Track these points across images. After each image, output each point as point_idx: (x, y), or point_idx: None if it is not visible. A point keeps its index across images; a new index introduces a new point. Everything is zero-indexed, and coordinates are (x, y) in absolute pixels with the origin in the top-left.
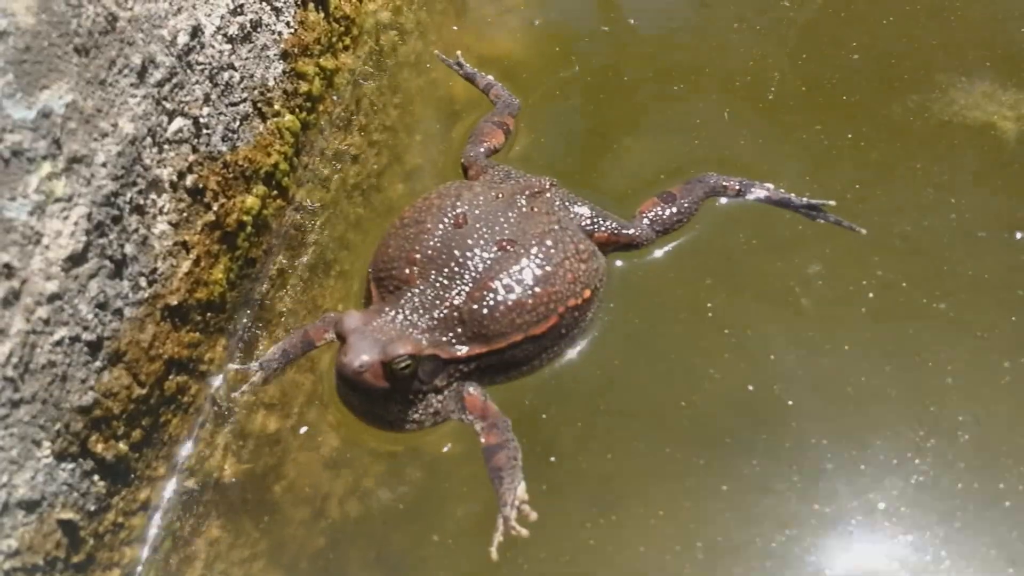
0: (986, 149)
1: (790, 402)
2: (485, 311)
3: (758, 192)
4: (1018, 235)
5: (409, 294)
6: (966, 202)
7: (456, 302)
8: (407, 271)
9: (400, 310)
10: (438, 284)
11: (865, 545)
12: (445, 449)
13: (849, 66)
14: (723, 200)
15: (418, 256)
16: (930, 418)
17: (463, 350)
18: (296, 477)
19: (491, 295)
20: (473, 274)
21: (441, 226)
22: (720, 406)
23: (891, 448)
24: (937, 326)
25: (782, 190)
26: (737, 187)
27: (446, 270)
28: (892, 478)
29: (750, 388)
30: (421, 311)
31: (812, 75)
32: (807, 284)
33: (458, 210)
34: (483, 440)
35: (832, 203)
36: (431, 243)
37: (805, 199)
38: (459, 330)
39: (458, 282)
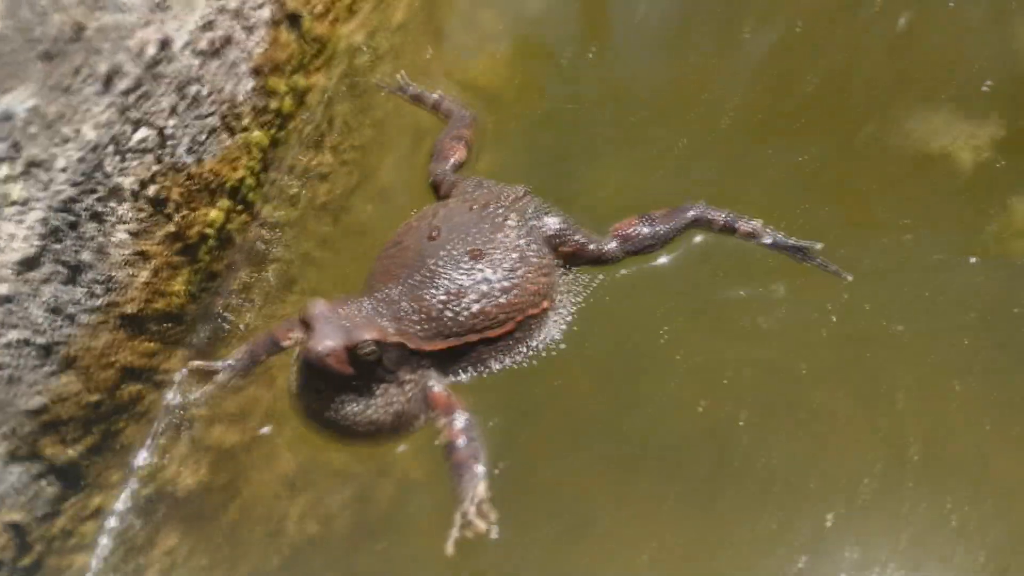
0: (942, 177)
1: (741, 422)
2: (449, 313)
3: (744, 227)
4: (971, 260)
5: (379, 289)
6: (922, 227)
7: (424, 300)
8: (386, 280)
9: (368, 300)
10: (409, 284)
11: (812, 563)
12: (400, 449)
13: (805, 94)
14: (698, 238)
15: (396, 271)
16: (880, 438)
17: (424, 344)
18: (253, 493)
19: (456, 300)
20: (444, 279)
21: (417, 242)
22: (668, 424)
23: (841, 468)
24: (893, 349)
25: (770, 228)
26: (723, 222)
27: (417, 275)
28: (840, 496)
29: (700, 408)
30: (388, 303)
31: (768, 103)
32: (770, 310)
33: (434, 223)
34: (446, 436)
35: (819, 245)
36: (408, 256)
37: (792, 241)
38: (423, 325)
39: (428, 285)
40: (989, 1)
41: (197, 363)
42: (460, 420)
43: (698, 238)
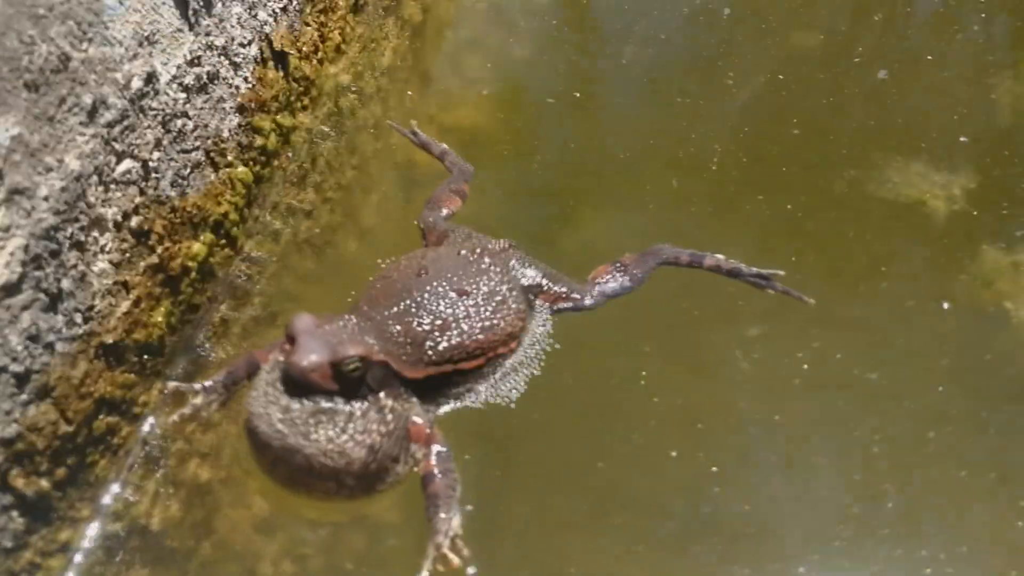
0: (917, 225)
1: (714, 468)
2: (429, 342)
3: (708, 262)
4: (945, 305)
5: (364, 311)
6: (896, 273)
7: (409, 327)
8: (372, 305)
9: (353, 318)
10: (396, 311)
11: None
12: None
13: (789, 140)
14: (673, 266)
15: (383, 300)
16: (856, 486)
17: (407, 369)
18: (228, 530)
19: (438, 333)
20: (429, 310)
21: (406, 277)
22: (642, 469)
23: (815, 515)
24: (867, 396)
25: (732, 260)
26: (688, 258)
27: (403, 304)
28: (814, 543)
29: (673, 454)
30: (373, 323)
31: (753, 148)
32: (744, 356)
33: (423, 263)
34: (423, 467)
35: (781, 273)
36: (395, 287)
37: (754, 269)
38: (407, 350)
39: (414, 313)
40: (967, 56)
41: (176, 384)
42: (439, 452)
43: (670, 277)
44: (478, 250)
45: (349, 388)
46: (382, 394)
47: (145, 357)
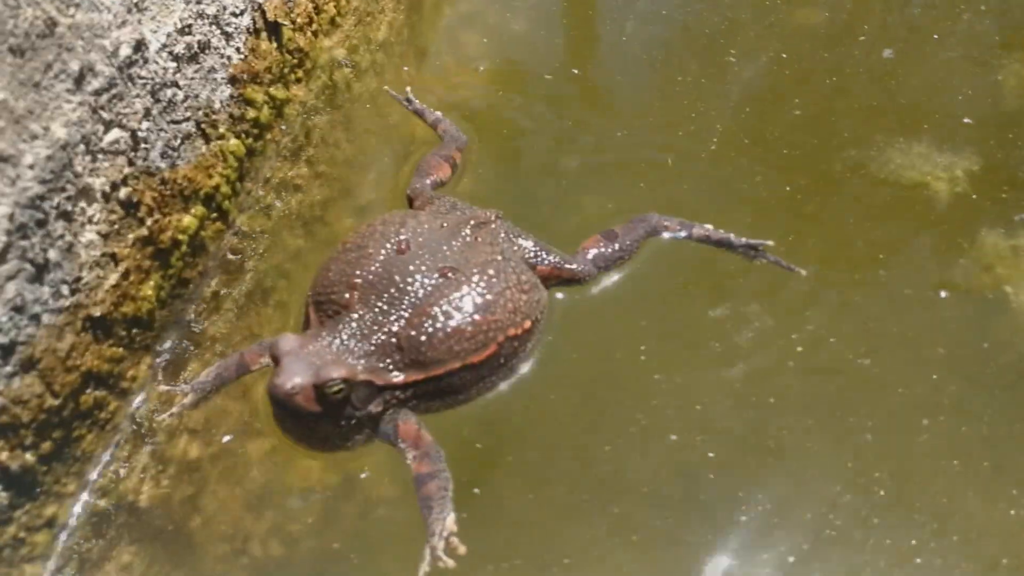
0: (918, 209)
1: (711, 454)
2: (423, 338)
3: (698, 231)
4: (942, 294)
5: (347, 319)
6: (895, 259)
7: (394, 328)
8: (347, 296)
9: (337, 335)
10: (377, 310)
11: None
12: (363, 476)
13: (790, 121)
14: (666, 236)
15: (358, 281)
16: (848, 473)
17: (399, 377)
18: (217, 508)
19: (430, 321)
20: (413, 300)
21: (383, 252)
22: (642, 453)
23: (806, 502)
24: (860, 382)
25: (722, 231)
26: (678, 227)
27: (386, 296)
28: (805, 532)
29: (673, 437)
30: (359, 337)
31: (754, 128)
32: (738, 335)
33: (401, 237)
34: (414, 469)
35: (770, 243)
36: (372, 268)
37: (744, 239)
38: (396, 356)
39: (397, 308)
40: (973, 36)
41: (164, 387)
42: (430, 453)
43: (662, 249)
44: (462, 224)
45: (333, 409)
46: (371, 407)
47: (134, 331)
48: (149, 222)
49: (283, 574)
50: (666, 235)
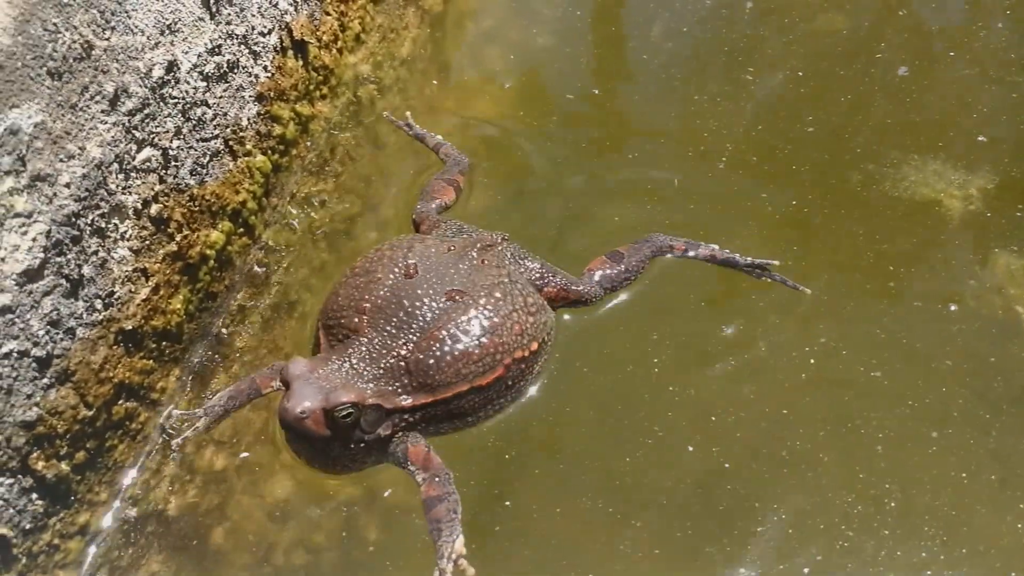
0: (929, 224)
1: (727, 464)
2: (431, 361)
3: (704, 251)
4: (952, 307)
5: (357, 343)
6: (904, 272)
7: (403, 352)
8: (356, 320)
9: (347, 359)
10: (386, 333)
11: None
12: (386, 494)
13: (802, 138)
14: (671, 256)
15: (367, 305)
16: (859, 484)
17: (408, 400)
18: (242, 518)
19: (437, 345)
20: (421, 323)
21: (391, 276)
22: (661, 466)
23: (820, 512)
24: (871, 394)
25: (727, 250)
26: (683, 247)
27: (394, 320)
28: (818, 543)
29: (690, 448)
30: (368, 360)
31: (765, 145)
32: (751, 348)
33: (409, 261)
34: (424, 492)
35: (776, 263)
36: (380, 292)
37: (750, 259)
38: (405, 380)
39: (405, 332)
40: (990, 54)
41: (177, 412)
42: (439, 475)
43: (665, 262)
44: (469, 247)
45: (343, 432)
46: (380, 430)
47: (163, 344)
48: (178, 238)
49: None
50: (671, 255)
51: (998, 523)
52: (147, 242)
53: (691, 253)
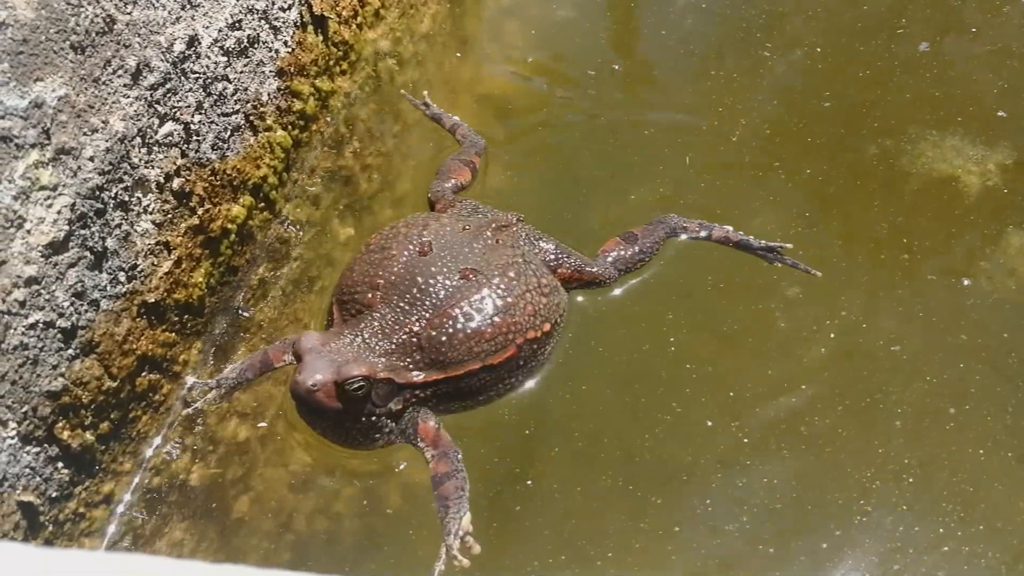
0: (946, 199)
1: (745, 440)
2: (443, 338)
3: (718, 232)
4: (965, 282)
5: (369, 318)
6: (919, 245)
7: (415, 328)
8: (369, 295)
9: (359, 333)
10: (399, 309)
11: None
12: (402, 466)
13: (818, 113)
14: (685, 237)
15: (381, 281)
16: (877, 460)
17: (419, 376)
18: (265, 488)
19: (450, 322)
20: (434, 301)
21: (406, 253)
22: (680, 441)
23: (838, 488)
24: (890, 369)
25: (741, 233)
26: (697, 228)
27: (408, 296)
28: (837, 519)
29: (709, 424)
30: (380, 335)
31: (779, 120)
32: (770, 323)
33: (424, 239)
34: (432, 468)
35: (789, 246)
36: (395, 269)
37: (763, 242)
38: (416, 356)
39: (418, 308)
40: (1012, 29)
41: (193, 380)
42: (447, 453)
43: (679, 244)
44: (484, 227)
45: (354, 406)
46: (391, 404)
47: (185, 317)
48: (200, 212)
49: (326, 550)
50: (685, 236)
51: (1015, 500)
52: (169, 216)
53: (704, 234)
